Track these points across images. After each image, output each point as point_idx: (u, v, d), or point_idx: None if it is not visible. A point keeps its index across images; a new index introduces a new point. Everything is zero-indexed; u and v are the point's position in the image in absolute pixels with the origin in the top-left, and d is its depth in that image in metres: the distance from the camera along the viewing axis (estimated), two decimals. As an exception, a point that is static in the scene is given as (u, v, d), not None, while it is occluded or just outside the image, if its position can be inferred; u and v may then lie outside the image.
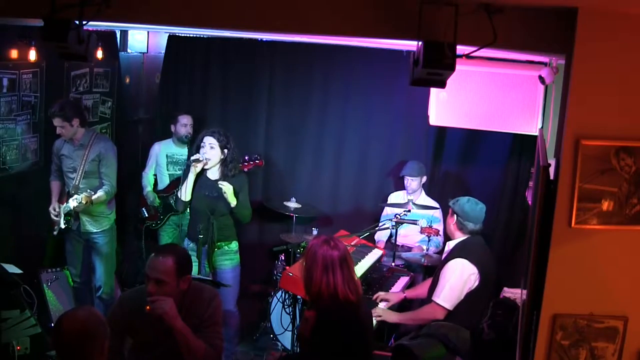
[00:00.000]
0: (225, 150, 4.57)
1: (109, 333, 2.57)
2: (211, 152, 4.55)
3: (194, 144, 4.73)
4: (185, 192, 4.56)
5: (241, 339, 5.16)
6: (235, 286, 4.71)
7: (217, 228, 4.54)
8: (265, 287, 5.71)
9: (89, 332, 2.48)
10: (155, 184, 5.69)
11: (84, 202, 4.61)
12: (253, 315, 5.51)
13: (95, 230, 4.96)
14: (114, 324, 2.67)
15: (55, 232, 4.93)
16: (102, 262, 5.04)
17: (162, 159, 5.63)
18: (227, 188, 4.48)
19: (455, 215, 4.15)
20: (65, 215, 4.83)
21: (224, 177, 4.58)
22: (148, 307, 3.05)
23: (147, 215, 5.59)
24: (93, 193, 4.69)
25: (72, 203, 4.66)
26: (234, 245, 4.70)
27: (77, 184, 4.85)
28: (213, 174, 4.62)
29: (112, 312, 3.29)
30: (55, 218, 4.89)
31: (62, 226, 4.86)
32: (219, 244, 4.59)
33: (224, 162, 4.59)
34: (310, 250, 3.27)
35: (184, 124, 5.52)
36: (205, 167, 4.56)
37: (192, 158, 4.52)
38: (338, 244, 3.27)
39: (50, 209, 4.91)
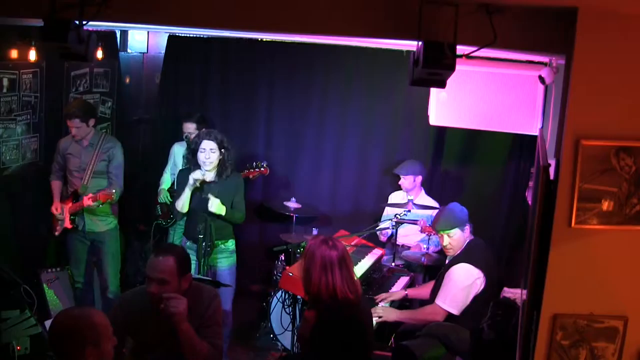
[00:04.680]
0: (222, 150, 4.54)
1: (101, 340, 2.52)
2: (212, 155, 4.51)
3: (187, 148, 4.70)
4: (182, 204, 4.55)
5: (240, 338, 5.16)
6: (232, 285, 4.70)
7: (214, 228, 4.52)
8: (265, 287, 5.71)
9: (70, 331, 2.46)
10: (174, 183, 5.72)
11: (102, 201, 4.71)
12: (253, 315, 5.51)
13: (101, 230, 4.98)
14: (114, 324, 2.66)
15: (57, 233, 4.93)
16: (109, 262, 5.06)
17: (179, 159, 5.63)
18: (212, 202, 4.46)
19: (467, 225, 4.18)
20: (71, 214, 4.85)
21: (219, 176, 4.55)
22: (162, 306, 3.04)
23: (160, 213, 5.62)
24: (113, 191, 4.76)
25: (87, 202, 4.70)
26: (231, 243, 4.69)
27: (85, 183, 4.86)
28: (209, 176, 4.57)
29: (112, 312, 3.28)
30: (59, 218, 4.89)
31: (69, 226, 4.87)
32: (216, 242, 4.58)
33: (221, 163, 4.56)
34: (308, 250, 3.27)
35: (185, 132, 5.46)
36: (207, 170, 4.55)
37: (195, 177, 4.46)
38: (337, 244, 3.27)
39: (53, 209, 4.91)
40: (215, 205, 4.46)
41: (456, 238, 4.18)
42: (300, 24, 2.86)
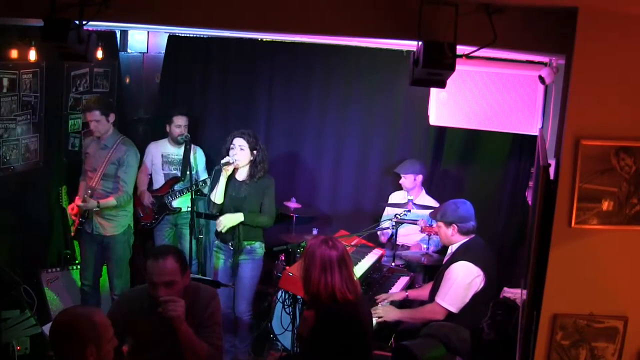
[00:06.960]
0: (255, 152, 4.59)
1: (102, 340, 2.52)
2: (241, 153, 4.56)
3: (223, 146, 4.71)
4: (217, 195, 4.57)
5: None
6: (250, 287, 4.76)
7: (243, 228, 4.58)
8: (265, 287, 5.70)
9: (72, 329, 2.46)
10: (150, 183, 5.68)
11: (82, 207, 4.71)
12: (253, 315, 5.49)
13: (107, 234, 4.98)
14: (114, 324, 2.66)
15: (72, 234, 4.96)
16: (114, 266, 5.06)
17: (158, 158, 5.61)
18: (219, 222, 4.58)
19: (453, 225, 4.16)
20: (80, 215, 4.87)
21: (250, 178, 4.60)
22: (159, 309, 3.03)
23: (142, 215, 5.57)
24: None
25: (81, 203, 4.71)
26: (257, 245, 4.73)
27: (93, 185, 4.85)
28: (241, 175, 4.65)
29: (111, 312, 3.28)
30: (72, 218, 4.90)
31: (75, 226, 4.89)
32: (243, 242, 4.64)
33: (253, 164, 4.61)
34: (308, 250, 3.27)
35: (178, 125, 5.46)
36: (236, 168, 4.59)
37: (223, 161, 4.53)
38: (336, 244, 3.27)
39: (69, 208, 4.93)
40: (224, 223, 4.54)
41: (440, 232, 4.29)
42: (300, 24, 2.86)
